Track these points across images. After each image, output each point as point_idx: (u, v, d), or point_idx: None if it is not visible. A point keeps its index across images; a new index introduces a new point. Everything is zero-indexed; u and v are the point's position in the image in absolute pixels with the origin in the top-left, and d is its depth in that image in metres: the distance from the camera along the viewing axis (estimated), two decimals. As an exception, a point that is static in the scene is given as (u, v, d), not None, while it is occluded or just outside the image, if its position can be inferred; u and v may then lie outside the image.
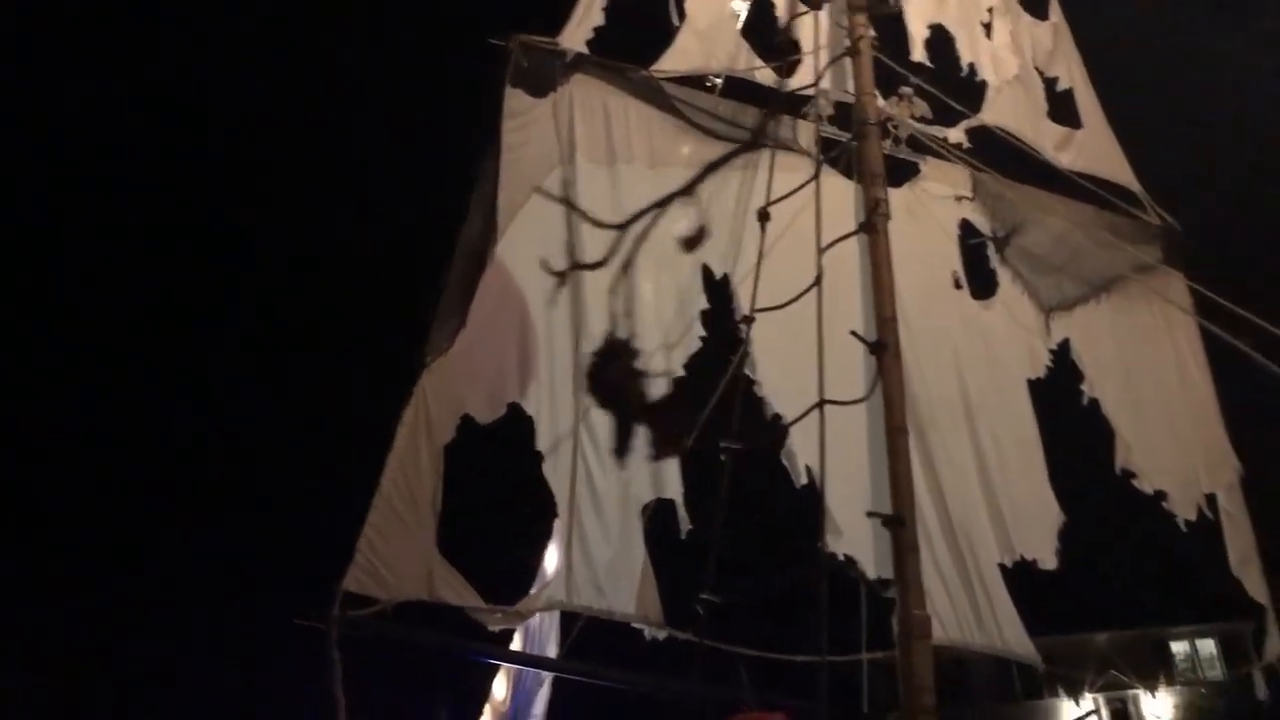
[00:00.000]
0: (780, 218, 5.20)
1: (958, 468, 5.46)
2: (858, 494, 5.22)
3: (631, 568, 4.67)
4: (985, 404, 5.63)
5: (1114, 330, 6.06)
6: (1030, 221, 6.04)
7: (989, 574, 5.35)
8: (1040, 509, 5.62)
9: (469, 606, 4.31)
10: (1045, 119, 6.52)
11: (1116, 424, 5.92)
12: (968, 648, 5.23)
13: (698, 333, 5.19)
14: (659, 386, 4.97)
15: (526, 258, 4.87)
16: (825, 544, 5.07)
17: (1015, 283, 5.99)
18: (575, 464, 4.68)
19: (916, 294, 5.60)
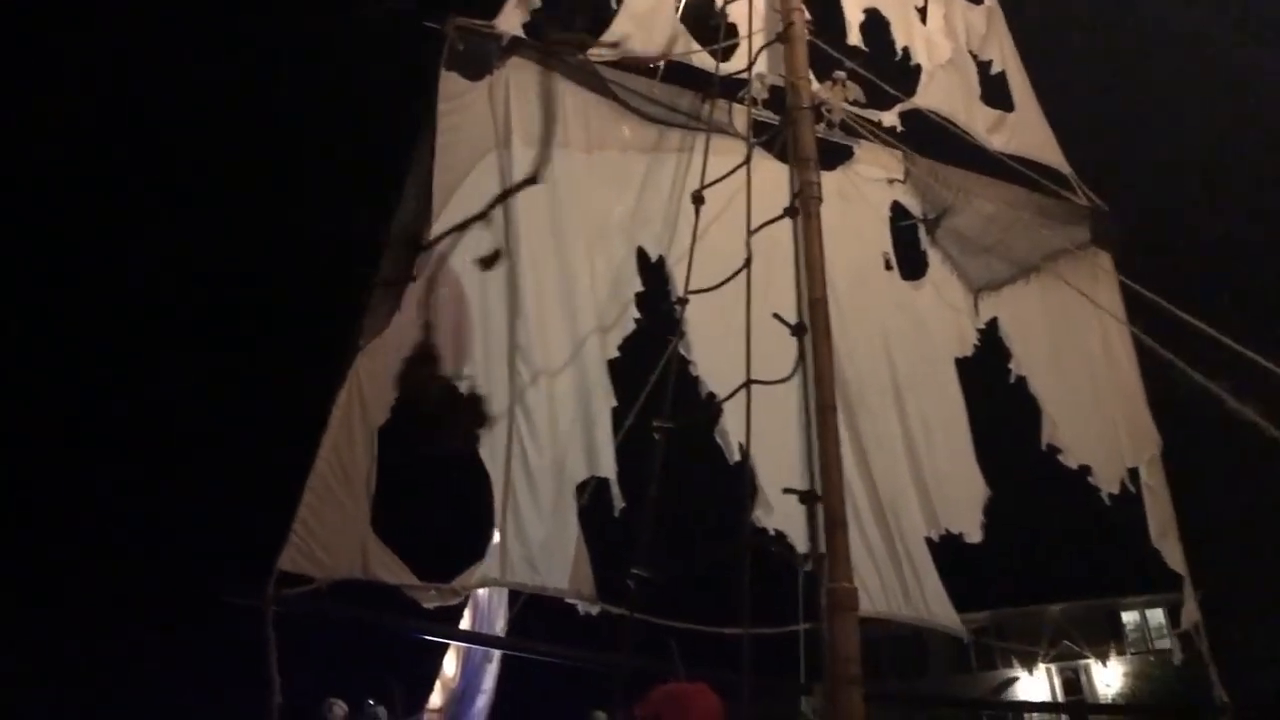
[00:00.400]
0: (715, 200, 5.30)
1: (886, 445, 5.62)
2: (788, 471, 5.35)
3: (565, 545, 4.78)
4: (913, 383, 5.79)
5: (1042, 309, 6.22)
6: (961, 203, 6.18)
7: (916, 548, 5.53)
8: (966, 484, 5.79)
9: (404, 584, 4.40)
10: (978, 102, 6.65)
11: (1043, 401, 6.11)
12: (894, 619, 5.40)
13: (632, 315, 5.29)
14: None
15: (461, 240, 4.93)
16: (756, 519, 5.24)
17: (945, 264, 6.14)
18: (510, 444, 4.77)
19: (848, 275, 5.73)
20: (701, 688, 4.00)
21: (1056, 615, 44.55)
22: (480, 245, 4.97)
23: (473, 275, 4.94)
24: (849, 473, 5.35)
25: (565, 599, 4.78)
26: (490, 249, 4.91)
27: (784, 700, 5.17)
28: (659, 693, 3.95)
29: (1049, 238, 6.32)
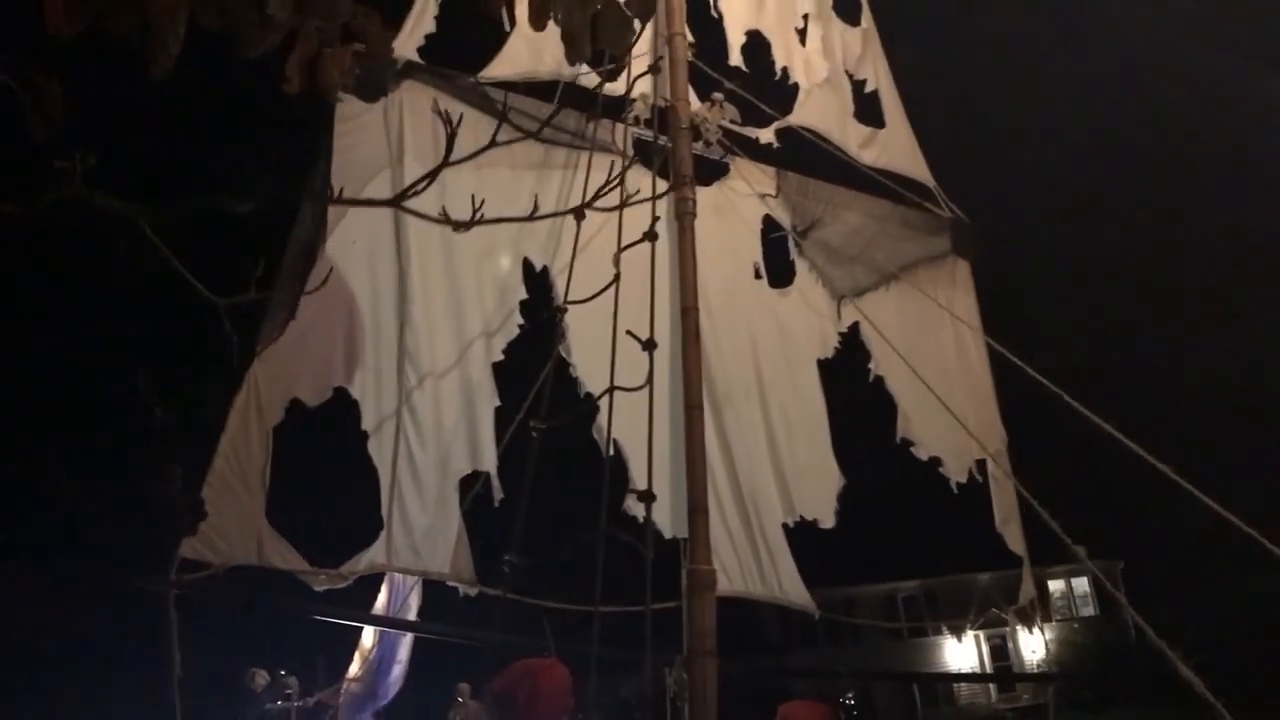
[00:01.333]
0: (597, 215, 5.77)
1: (749, 439, 6.15)
2: (660, 463, 5.87)
3: (447, 533, 5.26)
4: (777, 382, 6.32)
5: (900, 314, 6.77)
6: (829, 216, 6.70)
7: (773, 533, 6.08)
8: (822, 474, 6.36)
9: (296, 570, 4.86)
10: (852, 119, 7.17)
11: (898, 398, 6.69)
12: (750, 598, 5.95)
13: (517, 321, 5.74)
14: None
15: (355, 253, 5.36)
16: (626, 509, 5.75)
17: (811, 272, 6.67)
18: (397, 442, 5.23)
19: (720, 284, 6.24)
20: (552, 662, 4.52)
21: (985, 583, 45.92)
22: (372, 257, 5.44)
23: (365, 286, 5.38)
24: (714, 464, 5.88)
25: (446, 582, 5.28)
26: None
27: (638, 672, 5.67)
28: (514, 668, 4.46)
29: (911, 247, 6.89)
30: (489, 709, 4.43)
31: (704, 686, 4.87)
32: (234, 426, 4.82)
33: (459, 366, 5.47)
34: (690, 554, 5.17)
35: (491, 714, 4.39)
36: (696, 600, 5.05)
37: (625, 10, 1.98)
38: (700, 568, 5.09)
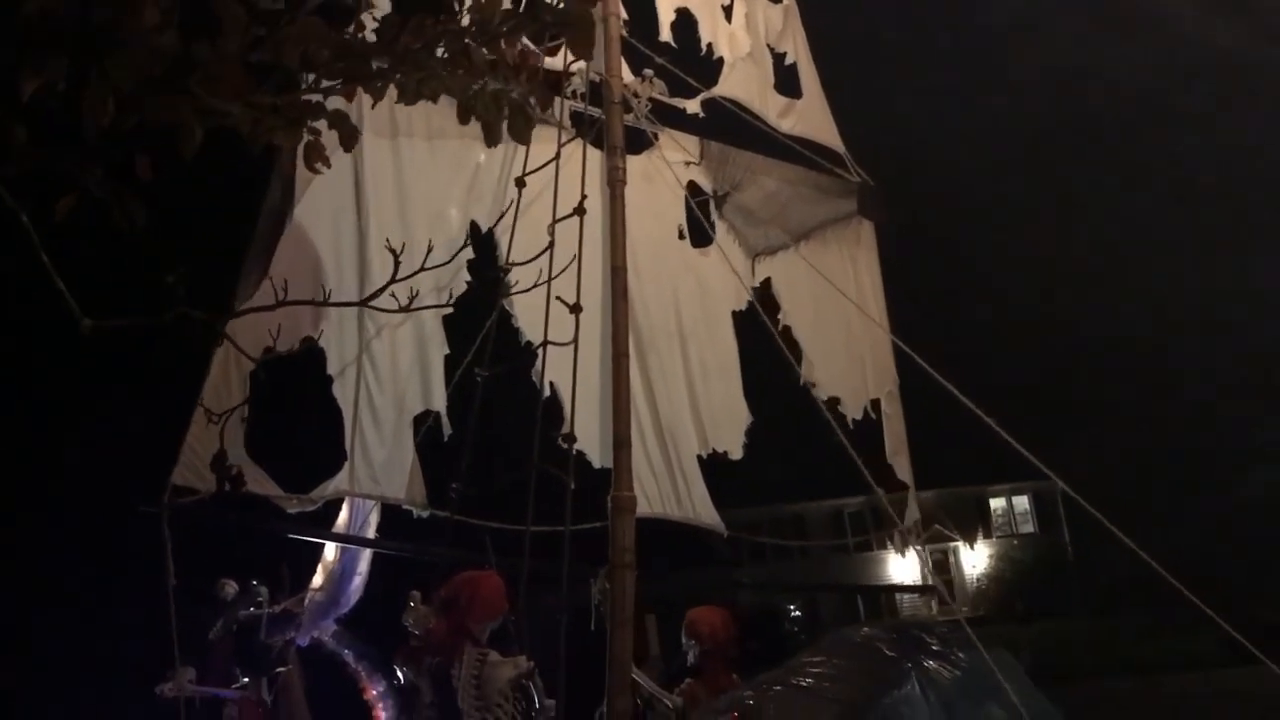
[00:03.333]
0: (537, 181, 6.51)
1: (670, 381, 7.00)
2: (591, 403, 6.72)
3: (403, 464, 6.08)
4: (696, 331, 7.16)
5: (809, 269, 7.58)
6: (747, 181, 7.47)
7: (688, 463, 6.98)
8: (733, 412, 7.24)
9: (271, 495, 5.66)
10: (772, 90, 7.89)
11: (804, 345, 7.55)
12: (667, 519, 6.85)
13: (464, 278, 6.49)
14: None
15: (320, 219, 6.06)
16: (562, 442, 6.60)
17: (730, 233, 7.46)
18: (358, 385, 6.01)
19: (647, 244, 7.02)
20: (490, 573, 5.39)
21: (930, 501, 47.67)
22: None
23: (329, 247, 6.10)
24: (638, 403, 6.72)
25: (401, 505, 6.12)
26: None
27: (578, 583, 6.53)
28: (458, 577, 5.32)
29: (821, 209, 7.69)
30: (435, 611, 5.26)
31: (623, 593, 5.73)
32: (215, 373, 5.56)
33: (413, 317, 6.21)
34: (615, 482, 6.02)
35: (437, 615, 5.24)
36: (618, 521, 5.92)
37: (529, 112, 2.73)
38: (622, 494, 5.96)
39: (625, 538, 5.89)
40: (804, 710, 3.82)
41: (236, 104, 2.03)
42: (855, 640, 4.45)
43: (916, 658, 4.30)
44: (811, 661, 4.19)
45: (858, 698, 3.95)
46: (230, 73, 1.90)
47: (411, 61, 2.33)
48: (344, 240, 6.15)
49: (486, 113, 2.76)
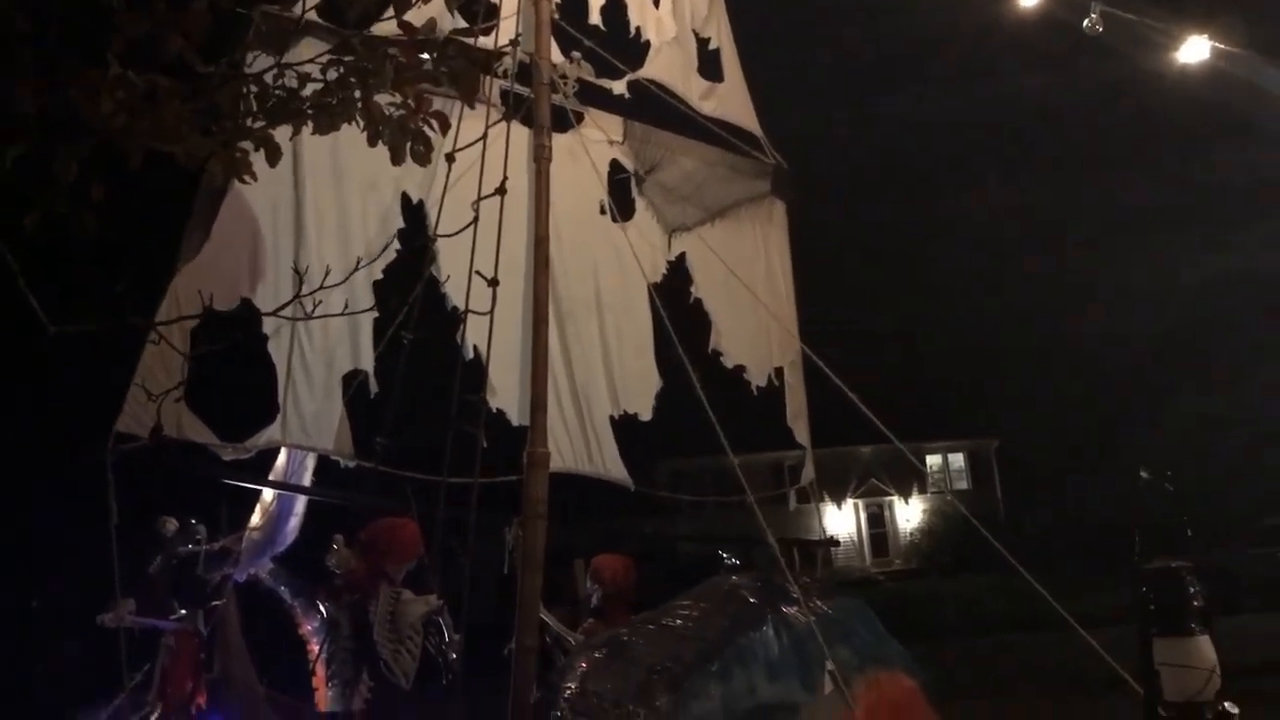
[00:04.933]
0: (467, 157, 6.96)
1: (586, 347, 7.55)
2: (513, 366, 7.25)
3: (332, 417, 6.58)
4: (613, 302, 7.70)
5: (721, 246, 8.10)
6: (667, 161, 7.97)
7: (601, 423, 7.56)
8: (644, 378, 7.81)
9: (208, 443, 6.13)
10: (695, 74, 8.35)
11: (713, 317, 8.12)
12: (579, 473, 7.43)
13: (395, 246, 6.95)
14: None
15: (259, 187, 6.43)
16: (484, 400, 7.13)
17: (649, 209, 7.97)
18: (292, 344, 6.48)
19: (570, 218, 7.50)
20: (408, 520, 5.94)
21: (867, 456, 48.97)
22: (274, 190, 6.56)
23: (267, 214, 6.53)
24: (555, 367, 7.24)
25: (330, 456, 6.64)
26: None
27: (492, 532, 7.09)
28: (378, 522, 5.87)
29: (736, 189, 8.22)
30: (356, 553, 5.81)
31: (534, 542, 6.27)
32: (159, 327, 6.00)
33: (345, 282, 6.66)
34: (530, 439, 6.55)
35: (358, 557, 5.78)
36: (532, 475, 6.43)
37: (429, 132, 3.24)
38: (537, 450, 6.47)
39: (538, 491, 6.41)
40: (669, 645, 4.42)
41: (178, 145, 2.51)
42: (724, 588, 5.05)
43: (775, 604, 4.90)
44: (682, 605, 4.79)
45: (718, 636, 4.55)
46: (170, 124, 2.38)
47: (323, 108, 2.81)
48: (281, 211, 6.57)
49: (392, 139, 3.26)
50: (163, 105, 2.30)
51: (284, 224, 6.54)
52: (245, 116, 2.74)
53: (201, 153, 2.88)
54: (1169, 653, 3.36)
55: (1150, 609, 3.52)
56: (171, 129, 2.38)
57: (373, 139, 3.23)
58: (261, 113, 2.74)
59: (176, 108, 2.32)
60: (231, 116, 2.72)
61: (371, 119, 2.97)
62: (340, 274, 6.59)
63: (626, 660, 4.31)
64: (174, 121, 2.36)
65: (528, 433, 6.65)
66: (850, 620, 5.35)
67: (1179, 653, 3.32)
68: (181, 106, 2.33)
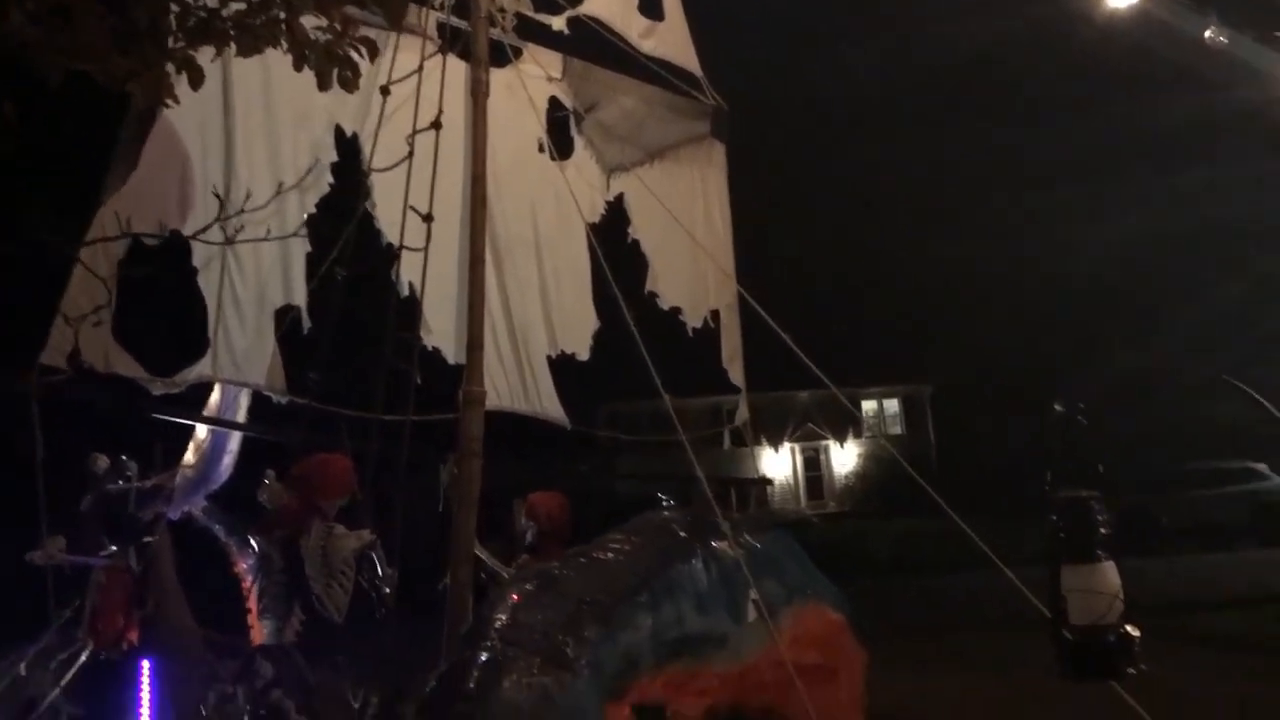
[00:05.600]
0: (403, 90, 6.86)
1: (524, 286, 7.53)
2: (449, 304, 7.22)
3: (264, 352, 6.50)
4: (551, 241, 7.67)
5: (660, 186, 8.09)
6: (606, 99, 7.92)
7: (538, 362, 7.57)
8: (582, 317, 7.83)
9: (137, 376, 6.04)
10: (635, 12, 8.26)
11: (651, 258, 8.14)
12: (515, 411, 7.45)
13: (328, 180, 6.84)
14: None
15: (188, 116, 6.31)
16: (420, 338, 7.09)
17: (587, 148, 7.93)
18: (222, 277, 6.38)
19: (507, 155, 7.44)
20: (340, 455, 5.93)
21: (804, 401, 49.62)
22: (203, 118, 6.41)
23: (196, 143, 6.39)
24: (492, 306, 7.22)
25: (262, 391, 6.58)
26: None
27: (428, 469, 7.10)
28: (311, 458, 5.86)
29: (675, 129, 8.20)
30: (288, 488, 5.79)
31: (469, 479, 6.31)
32: (85, 259, 5.87)
33: (276, 216, 6.55)
34: (466, 377, 6.56)
35: (290, 492, 5.76)
36: (468, 412, 6.46)
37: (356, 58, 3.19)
38: (473, 388, 6.50)
39: (474, 429, 6.44)
40: (599, 578, 4.49)
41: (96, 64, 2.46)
42: (655, 523, 5.13)
43: (705, 538, 5.00)
44: (614, 539, 4.86)
45: (648, 569, 4.64)
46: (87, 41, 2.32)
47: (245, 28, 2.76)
48: (210, 141, 6.43)
49: (318, 64, 3.21)
50: (78, 21, 2.24)
51: (214, 155, 6.41)
52: (166, 36, 2.67)
53: (121, 73, 2.82)
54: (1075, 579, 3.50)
55: (1059, 537, 3.66)
56: (89, 47, 2.33)
57: (298, 63, 3.18)
58: (182, 32, 2.68)
59: (92, 24, 2.26)
60: (151, 35, 2.65)
61: (296, 42, 2.92)
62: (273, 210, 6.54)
63: (557, 592, 4.37)
64: (91, 39, 2.30)
65: (464, 371, 6.66)
66: (779, 555, 5.46)
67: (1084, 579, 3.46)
68: (99, 23, 2.27)
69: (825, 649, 5.42)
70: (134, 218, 6.06)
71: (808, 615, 5.27)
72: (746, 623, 4.72)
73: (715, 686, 4.85)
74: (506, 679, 3.94)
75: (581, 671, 4.09)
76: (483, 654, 4.06)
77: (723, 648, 4.73)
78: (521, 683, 3.93)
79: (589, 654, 4.14)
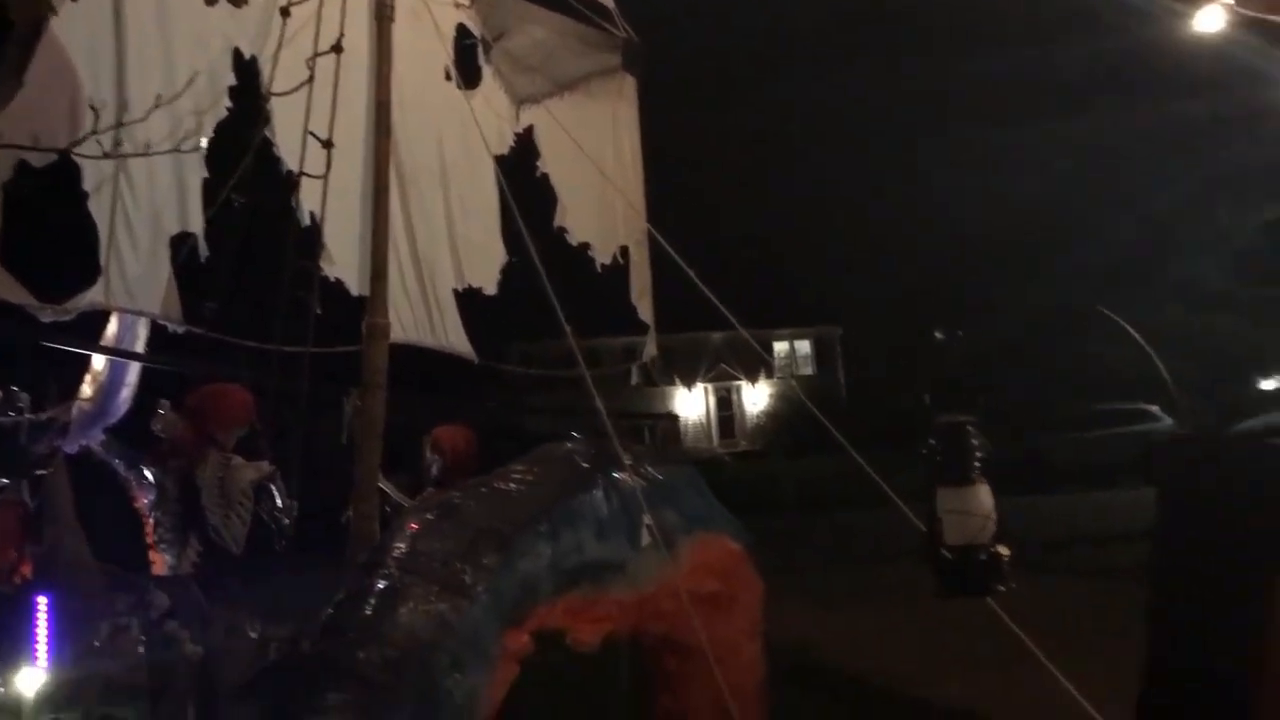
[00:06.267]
0: (303, 13, 6.66)
1: (430, 217, 7.43)
2: (352, 234, 7.10)
3: (159, 281, 6.33)
4: (458, 172, 7.57)
5: (570, 120, 7.99)
6: (516, 28, 7.78)
7: (444, 295, 7.51)
8: (489, 251, 7.77)
9: (24, 303, 5.85)
10: (545, -63, 8.13)
11: (559, 192, 8.09)
12: (420, 344, 7.40)
13: (225, 104, 6.64)
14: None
15: (78, 33, 6.06)
16: (322, 268, 6.97)
17: (496, 78, 7.80)
18: (114, 202, 6.17)
19: (413, 83, 7.28)
20: (237, 386, 5.85)
21: (718, 342, 50.17)
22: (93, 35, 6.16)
23: (86, 62, 6.13)
24: (397, 237, 7.12)
25: (157, 320, 6.42)
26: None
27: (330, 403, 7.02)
28: (205, 388, 5.77)
29: (586, 62, 8.11)
30: (183, 418, 5.70)
31: (374, 413, 6.26)
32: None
33: (170, 139, 6.36)
34: (370, 309, 6.48)
35: (185, 422, 5.68)
36: (371, 345, 6.39)
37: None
38: (376, 320, 6.42)
39: (377, 360, 6.38)
40: (499, 507, 4.52)
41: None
42: (558, 454, 5.17)
43: (606, 469, 5.05)
44: (516, 469, 4.89)
45: (549, 498, 4.68)
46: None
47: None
48: (102, 61, 6.18)
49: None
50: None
51: (105, 75, 6.17)
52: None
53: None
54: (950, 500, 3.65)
55: (936, 460, 3.80)
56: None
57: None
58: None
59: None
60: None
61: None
62: (166, 134, 6.35)
63: (457, 521, 4.40)
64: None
65: (367, 303, 6.58)
66: (680, 486, 5.55)
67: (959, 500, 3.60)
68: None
69: (724, 577, 5.54)
70: (20, 138, 5.84)
71: (707, 545, 5.37)
72: (645, 551, 4.81)
73: (614, 614, 4.94)
74: (403, 606, 3.97)
75: (479, 599, 4.13)
76: (380, 582, 4.08)
77: (621, 575, 4.82)
78: (418, 610, 3.97)
79: (487, 581, 4.18)
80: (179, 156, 6.45)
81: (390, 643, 3.86)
